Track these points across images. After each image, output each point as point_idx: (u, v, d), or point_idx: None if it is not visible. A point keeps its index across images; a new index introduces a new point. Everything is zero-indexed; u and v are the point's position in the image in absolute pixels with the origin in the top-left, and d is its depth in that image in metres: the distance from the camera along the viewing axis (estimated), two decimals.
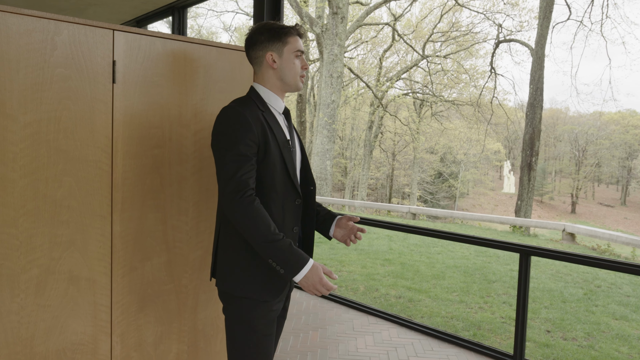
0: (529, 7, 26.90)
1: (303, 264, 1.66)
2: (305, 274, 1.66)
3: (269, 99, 1.87)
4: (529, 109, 17.63)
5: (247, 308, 1.78)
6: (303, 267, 1.66)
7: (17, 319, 1.80)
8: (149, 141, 2.08)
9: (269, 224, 1.65)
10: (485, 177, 41.52)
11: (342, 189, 34.99)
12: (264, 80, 1.88)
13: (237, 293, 1.78)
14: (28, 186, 1.77)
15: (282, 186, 1.80)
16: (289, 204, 1.84)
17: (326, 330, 4.01)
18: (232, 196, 1.64)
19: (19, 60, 1.71)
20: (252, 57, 1.89)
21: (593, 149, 42.73)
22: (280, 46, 1.84)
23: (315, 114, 23.91)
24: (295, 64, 1.87)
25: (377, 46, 27.95)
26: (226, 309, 1.85)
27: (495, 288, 6.53)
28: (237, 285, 1.78)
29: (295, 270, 1.65)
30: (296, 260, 1.65)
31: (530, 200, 17.62)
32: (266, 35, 1.83)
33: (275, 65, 1.85)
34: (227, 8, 41.51)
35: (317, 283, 1.68)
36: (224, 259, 1.83)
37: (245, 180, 1.65)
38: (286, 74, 1.86)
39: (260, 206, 1.66)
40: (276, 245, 1.63)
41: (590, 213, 39.60)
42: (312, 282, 1.67)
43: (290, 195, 1.83)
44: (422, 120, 28.41)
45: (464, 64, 26.23)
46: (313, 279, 1.67)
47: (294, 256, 1.65)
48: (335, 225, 2.05)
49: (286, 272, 1.65)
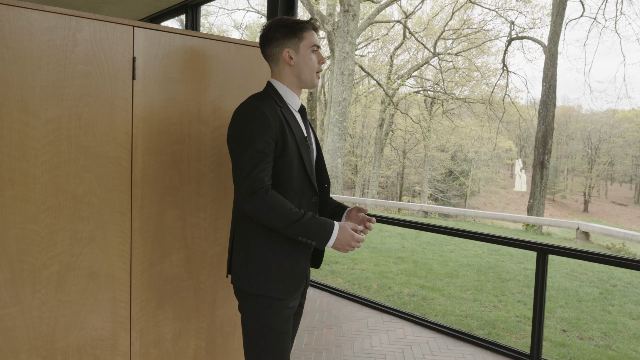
0: (541, 4, 26.61)
1: (331, 230, 1.70)
2: (336, 237, 1.71)
3: (286, 95, 1.86)
4: (541, 107, 17.49)
5: (263, 306, 1.77)
6: (332, 234, 1.70)
7: (39, 314, 1.81)
8: (168, 137, 2.08)
9: (287, 206, 1.66)
10: (496, 175, 41.25)
11: (352, 187, 34.93)
12: (281, 77, 1.86)
13: (252, 290, 1.77)
14: (49, 182, 1.78)
15: (299, 183, 1.79)
16: (306, 202, 1.83)
17: (340, 328, 4.00)
18: (248, 192, 1.63)
19: (41, 57, 1.72)
20: (268, 55, 1.87)
21: (606, 147, 42.29)
22: (297, 42, 1.82)
23: (326, 112, 23.90)
24: (312, 59, 1.85)
25: (388, 44, 27.85)
26: (242, 307, 1.84)
27: (509, 287, 6.49)
28: (252, 282, 1.77)
29: (326, 239, 1.69)
30: (324, 230, 1.69)
31: (543, 198, 17.49)
32: (281, 32, 1.81)
33: (293, 62, 1.83)
34: (238, 6, 41.54)
35: (350, 241, 1.72)
36: (239, 256, 1.82)
37: (261, 178, 1.64)
38: (303, 70, 1.85)
39: (274, 193, 1.67)
40: (301, 223, 1.65)
41: (603, 212, 39.22)
42: (345, 242, 1.71)
43: (307, 192, 1.82)
44: (433, 118, 28.27)
45: (475, 62, 26.07)
46: (346, 239, 1.71)
47: (320, 227, 1.68)
48: (345, 217, 2.04)
49: (318, 243, 1.69)
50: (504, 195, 41.30)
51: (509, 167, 46.40)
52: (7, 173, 1.69)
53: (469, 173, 34.49)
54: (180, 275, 2.18)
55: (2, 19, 1.63)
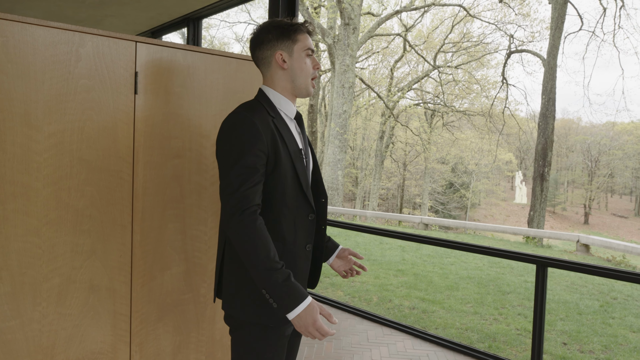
0: (540, 18, 26.87)
1: (298, 301, 1.48)
2: (299, 313, 1.48)
3: (280, 103, 1.72)
4: (541, 120, 17.56)
5: (256, 335, 1.63)
6: (298, 305, 1.48)
7: (39, 327, 1.81)
8: (169, 151, 2.10)
9: (269, 250, 1.48)
10: (496, 187, 41.30)
11: (353, 199, 34.94)
12: (273, 82, 1.73)
13: (244, 318, 1.63)
14: (51, 195, 1.79)
15: (294, 200, 1.66)
16: (302, 220, 1.69)
17: (341, 341, 3.99)
18: (233, 212, 1.49)
19: (45, 72, 1.74)
20: (259, 58, 1.73)
21: (606, 160, 42.37)
22: (290, 44, 1.69)
23: (326, 124, 23.97)
24: (307, 64, 1.72)
25: (388, 57, 28.04)
26: (233, 333, 1.70)
27: (509, 299, 6.47)
28: (245, 309, 1.63)
29: (289, 308, 1.47)
30: (292, 296, 1.47)
31: (543, 211, 17.50)
32: (274, 33, 1.68)
33: (286, 66, 1.70)
34: (240, 19, 41.85)
35: (310, 325, 1.48)
36: (229, 280, 1.68)
37: (248, 195, 1.51)
38: (297, 75, 1.71)
39: (262, 227, 1.50)
40: (273, 276, 1.47)
41: (604, 224, 39.18)
42: (304, 323, 1.48)
43: (302, 209, 1.69)
44: (433, 130, 28.37)
45: (475, 74, 26.22)
46: (306, 320, 1.48)
47: (290, 291, 1.47)
48: (336, 256, 1.98)
49: (279, 307, 1.49)
50: (504, 208, 41.30)
51: (509, 179, 46.47)
52: (10, 186, 1.70)
53: (470, 185, 34.54)
54: (180, 288, 2.19)
55: (7, 35, 1.66)
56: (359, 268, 2.02)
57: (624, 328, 5.51)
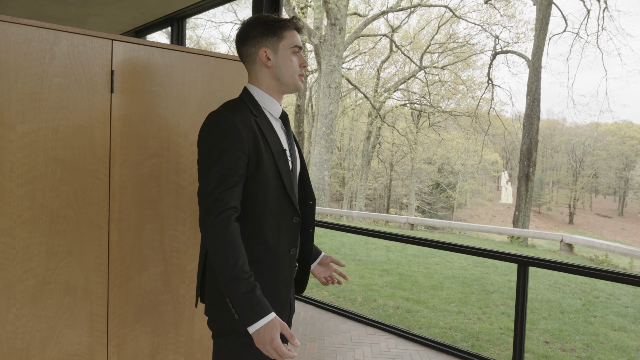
0: (525, 19, 27.12)
1: (259, 316, 1.43)
2: (258, 328, 1.43)
3: (264, 102, 1.67)
4: (526, 120, 17.71)
5: (239, 345, 1.58)
6: (258, 320, 1.43)
7: (13, 329, 1.78)
8: (147, 151, 2.08)
9: (238, 258, 1.44)
10: (482, 187, 41.62)
11: (340, 200, 34.98)
12: (258, 80, 1.68)
13: (228, 325, 1.57)
14: (25, 195, 1.77)
15: (277, 203, 1.60)
16: (286, 223, 1.63)
17: (324, 341, 3.99)
18: (207, 214, 1.47)
19: (18, 70, 1.71)
20: (244, 55, 1.68)
21: (590, 160, 42.88)
22: (275, 41, 1.64)
23: (313, 125, 23.97)
24: (293, 62, 1.67)
25: (374, 57, 28.13)
26: (216, 339, 1.65)
27: (493, 299, 6.51)
28: (226, 316, 1.56)
29: (250, 321, 1.43)
30: (253, 310, 1.43)
31: (528, 210, 17.65)
32: (259, 30, 1.63)
33: (270, 63, 1.64)
34: (226, 19, 41.66)
35: (267, 343, 1.43)
36: (212, 284, 1.62)
37: (224, 197, 1.47)
38: (282, 73, 1.66)
39: (235, 233, 1.47)
40: (238, 285, 1.43)
41: (588, 224, 39.63)
42: (262, 339, 1.43)
43: (286, 212, 1.63)
44: (419, 130, 28.50)
45: (461, 75, 26.39)
46: (264, 337, 1.43)
47: (252, 304, 1.43)
48: (318, 262, 1.96)
49: (240, 319, 1.44)
50: (490, 208, 41.60)
51: (495, 179, 46.83)
52: None
53: (456, 185, 34.75)
54: (158, 289, 2.17)
55: None
56: (340, 277, 1.99)
57: (605, 326, 5.57)
